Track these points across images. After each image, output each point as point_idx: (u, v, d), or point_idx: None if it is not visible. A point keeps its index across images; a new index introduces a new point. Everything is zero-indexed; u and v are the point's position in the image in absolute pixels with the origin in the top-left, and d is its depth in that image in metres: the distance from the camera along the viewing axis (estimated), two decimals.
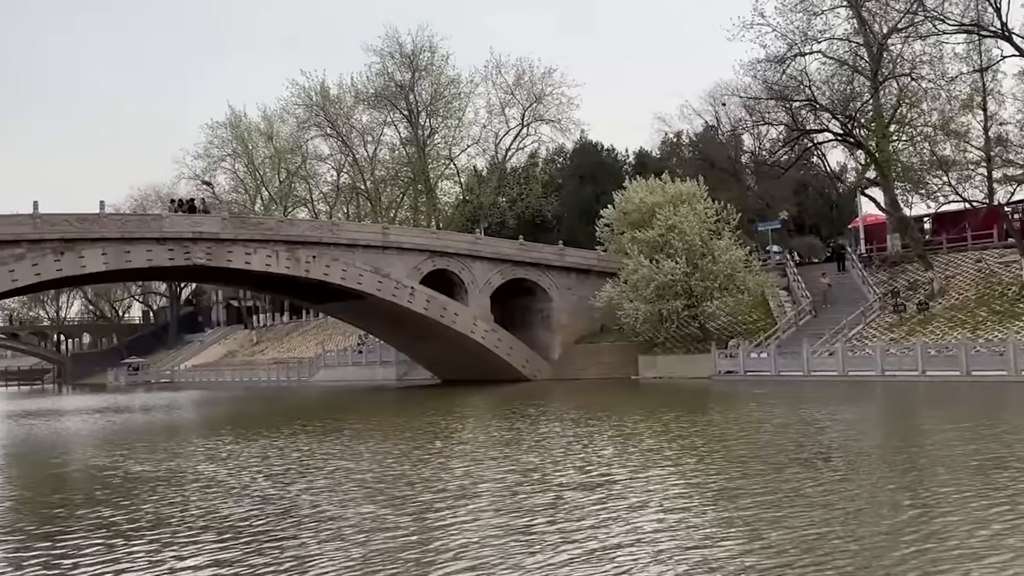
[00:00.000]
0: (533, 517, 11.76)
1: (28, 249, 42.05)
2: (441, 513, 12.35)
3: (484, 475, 15.73)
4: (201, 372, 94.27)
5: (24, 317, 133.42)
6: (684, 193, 48.48)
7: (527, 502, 12.85)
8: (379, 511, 12.71)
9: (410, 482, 15.37)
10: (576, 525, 11.15)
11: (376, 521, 11.99)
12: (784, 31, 49.32)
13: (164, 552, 10.72)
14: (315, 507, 13.27)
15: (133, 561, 10.36)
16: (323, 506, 13.33)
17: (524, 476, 15.29)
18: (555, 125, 76.84)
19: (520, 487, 14.19)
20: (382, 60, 75.62)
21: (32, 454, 25.97)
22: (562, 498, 13.05)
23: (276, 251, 47.71)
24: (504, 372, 51.51)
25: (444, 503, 13.10)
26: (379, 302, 50.34)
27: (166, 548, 10.92)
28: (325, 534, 11.34)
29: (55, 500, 15.71)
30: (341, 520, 12.19)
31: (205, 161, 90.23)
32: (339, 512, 12.79)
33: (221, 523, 12.36)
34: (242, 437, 25.43)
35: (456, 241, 54.69)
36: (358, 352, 70.56)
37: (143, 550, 10.87)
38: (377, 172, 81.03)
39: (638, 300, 46.15)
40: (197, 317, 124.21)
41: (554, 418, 27.14)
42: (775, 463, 15.62)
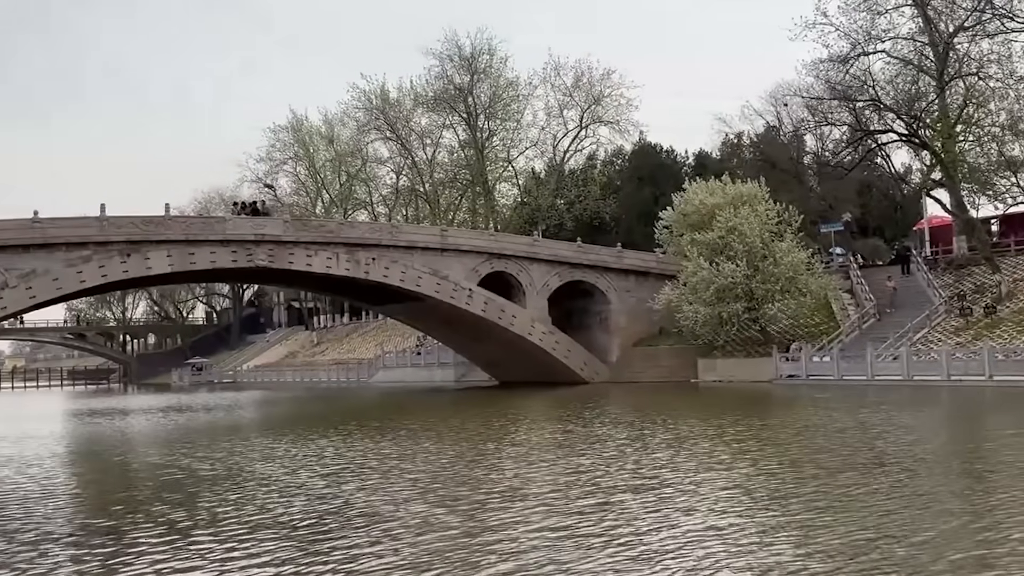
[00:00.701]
0: (581, 519, 11.72)
1: (95, 251, 42.94)
2: (490, 513, 12.38)
3: (535, 476, 15.71)
4: (263, 372, 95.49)
5: (91, 318, 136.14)
6: (745, 194, 47.94)
7: (576, 504, 12.83)
8: (430, 510, 12.77)
9: (462, 482, 15.42)
10: (623, 527, 11.11)
11: (426, 520, 12.05)
12: (847, 30, 48.65)
13: (216, 549, 10.87)
14: (367, 506, 13.37)
15: (186, 557, 10.52)
16: (375, 505, 13.42)
17: (575, 478, 15.25)
18: (614, 127, 76.70)
19: (570, 489, 14.16)
20: (441, 63, 76.10)
21: (96, 451, 26.48)
22: (611, 500, 12.99)
23: (336, 253, 48.14)
24: (562, 374, 51.37)
25: (494, 503, 13.13)
26: (437, 304, 50.53)
27: (219, 545, 11.07)
28: (376, 532, 11.41)
29: (115, 496, 15.99)
30: (392, 519, 12.26)
31: (267, 164, 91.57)
32: (391, 511, 12.87)
33: (274, 521, 12.50)
34: (300, 437, 25.70)
35: (514, 243, 54.70)
36: (416, 354, 70.92)
37: (196, 546, 11.04)
38: (436, 175, 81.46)
39: (698, 303, 45.71)
40: (259, 318, 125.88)
41: (609, 421, 27.00)
42: (829, 468, 15.42)
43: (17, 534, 12.47)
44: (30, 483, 18.01)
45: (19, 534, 12.46)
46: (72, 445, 28.69)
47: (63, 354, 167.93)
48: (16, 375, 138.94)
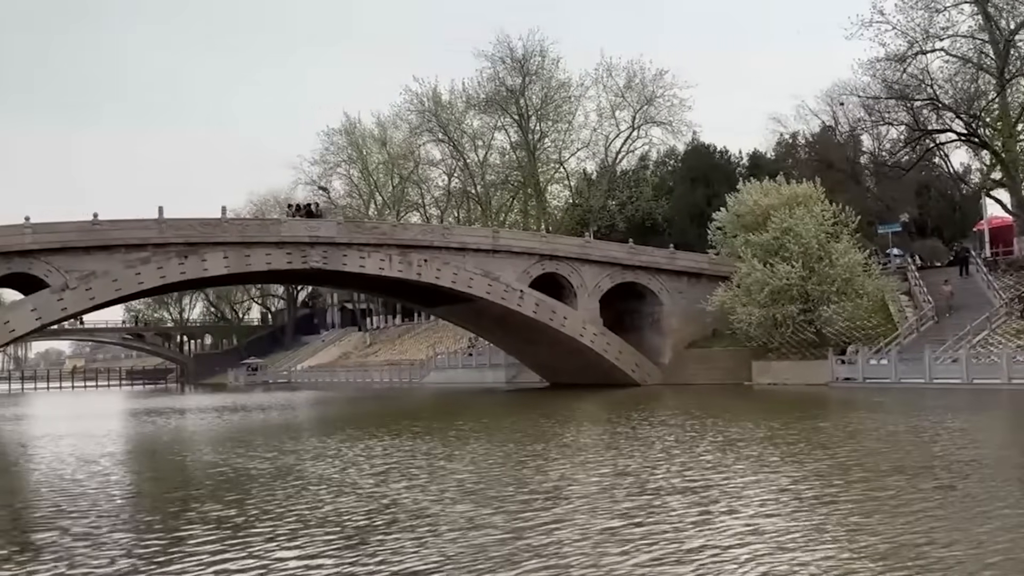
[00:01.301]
0: (624, 520, 11.73)
1: (153, 253, 43.71)
2: (535, 513, 12.41)
3: (581, 477, 15.71)
4: (317, 373, 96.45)
5: (149, 318, 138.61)
6: (800, 195, 47.47)
7: (620, 505, 12.84)
8: (475, 510, 12.85)
9: (508, 482, 15.47)
10: (665, 528, 11.11)
11: (471, 520, 12.12)
12: (904, 28, 48.00)
13: (266, 546, 11.02)
14: (414, 504, 13.47)
15: (236, 554, 10.67)
16: (422, 504, 13.51)
17: (620, 479, 15.24)
18: (666, 127, 76.37)
19: (615, 490, 14.15)
20: (493, 65, 76.29)
21: (153, 450, 26.91)
22: (656, 502, 12.98)
23: (389, 255, 48.45)
24: (613, 376, 51.18)
25: (539, 504, 13.16)
26: (489, 305, 50.64)
27: (268, 542, 11.23)
28: (421, 531, 11.51)
29: (170, 494, 16.26)
30: (437, 518, 12.36)
31: (321, 167, 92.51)
32: (436, 510, 12.97)
33: (321, 519, 12.65)
34: (351, 436, 25.94)
35: (566, 244, 54.64)
36: (468, 355, 71.15)
37: (246, 544, 11.19)
38: (487, 176, 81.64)
39: (752, 304, 45.30)
40: (313, 319, 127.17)
41: (658, 423, 26.85)
42: (878, 471, 15.25)
43: (76, 529, 12.76)
44: (89, 480, 18.36)
45: (77, 529, 12.75)
46: (129, 444, 29.20)
47: (122, 354, 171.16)
48: (76, 375, 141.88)
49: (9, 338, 45.19)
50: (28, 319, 41.85)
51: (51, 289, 41.33)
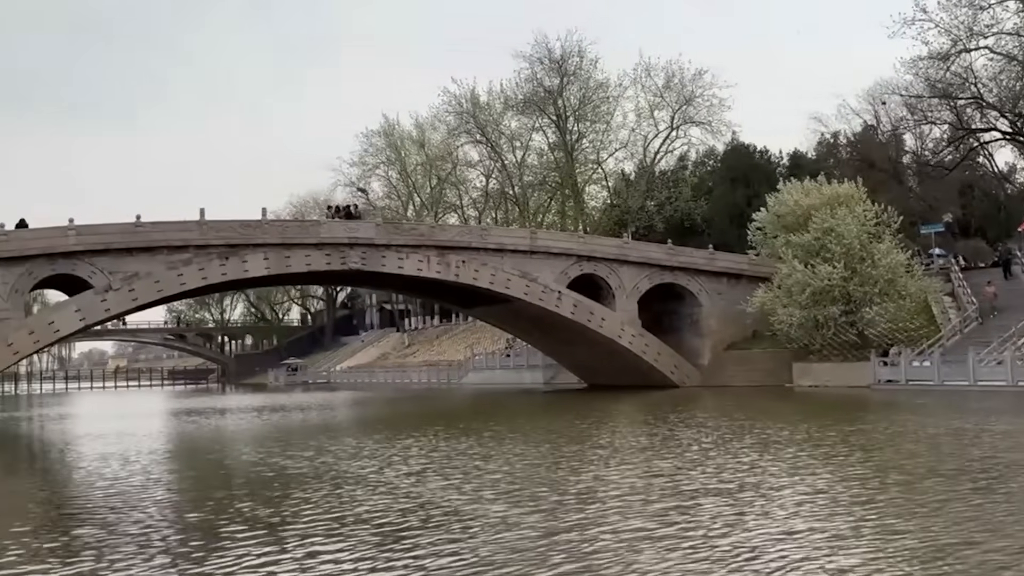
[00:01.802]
0: (657, 521, 11.72)
1: (195, 254, 44.12)
2: (568, 514, 12.42)
3: (615, 479, 15.69)
4: (355, 373, 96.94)
5: (191, 319, 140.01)
6: (842, 195, 46.96)
7: (653, 506, 12.83)
8: (509, 510, 12.89)
9: (543, 483, 15.49)
10: (698, 529, 11.10)
11: (504, 520, 12.17)
12: (948, 26, 47.40)
13: (301, 544, 11.13)
14: (448, 504, 13.54)
15: (272, 551, 10.78)
16: (456, 503, 13.58)
17: (655, 481, 15.22)
18: (706, 127, 75.92)
19: (649, 491, 14.14)
20: (531, 66, 76.23)
21: (193, 449, 27.22)
22: (689, 503, 12.96)
23: (427, 256, 48.56)
24: (652, 378, 50.93)
25: (573, 504, 13.18)
26: (526, 306, 50.60)
27: (304, 540, 11.33)
28: (455, 530, 11.57)
29: (208, 492, 16.45)
30: (471, 517, 12.41)
31: (360, 169, 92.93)
32: (470, 509, 13.02)
33: (356, 518, 12.76)
34: (389, 436, 26.12)
35: (603, 245, 54.45)
36: (506, 355, 71.15)
37: (282, 541, 11.32)
38: (525, 177, 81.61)
39: (792, 306, 44.90)
40: (352, 320, 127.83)
41: (695, 424, 26.69)
42: (915, 474, 15.14)
43: (116, 526, 12.99)
44: (130, 478, 18.60)
45: (118, 526, 12.98)
46: (171, 443, 29.53)
47: (164, 354, 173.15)
48: (119, 375, 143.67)
49: (54, 338, 45.84)
50: (72, 319, 42.42)
51: (95, 290, 41.85)
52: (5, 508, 16.05)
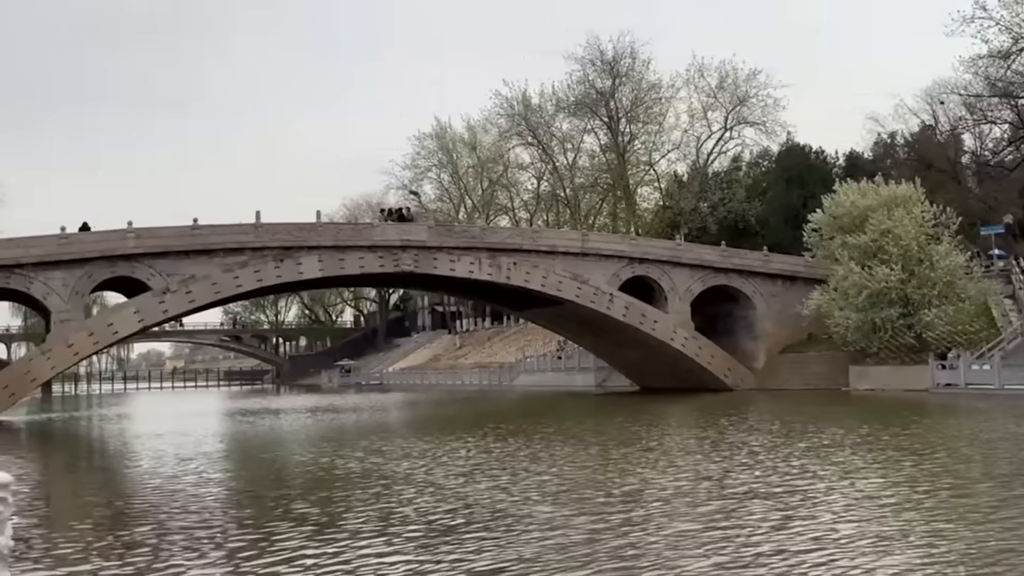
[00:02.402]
0: (703, 523, 11.70)
1: (251, 256, 44.64)
2: (614, 516, 12.43)
3: (662, 481, 15.65)
4: (408, 375, 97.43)
5: (246, 320, 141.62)
6: (899, 196, 46.23)
7: (699, 509, 12.81)
8: (556, 511, 12.94)
9: (590, 485, 15.51)
10: (742, 532, 11.05)
11: (550, 521, 12.21)
12: (1008, 24, 46.49)
13: (349, 542, 11.26)
14: (495, 505, 13.60)
15: (321, 549, 10.92)
16: (502, 504, 13.64)
17: (702, 483, 15.19)
18: (760, 128, 75.13)
19: (695, 494, 14.12)
20: (583, 68, 76.02)
21: (247, 449, 27.57)
22: (736, 506, 12.89)
23: (479, 258, 48.64)
24: (705, 381, 50.51)
25: (618, 506, 13.18)
26: (578, 308, 50.46)
27: (352, 539, 11.47)
28: (500, 531, 11.63)
29: (260, 491, 16.73)
30: (516, 518, 12.46)
31: (412, 171, 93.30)
32: (516, 510, 13.07)
33: (403, 517, 12.90)
34: (439, 437, 26.27)
35: (656, 247, 54.13)
36: (557, 358, 71.04)
37: (331, 540, 11.45)
38: (577, 179, 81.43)
39: (849, 308, 44.30)
40: (404, 322, 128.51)
41: (746, 428, 26.46)
42: (967, 478, 14.95)
43: (171, 524, 13.30)
44: (186, 476, 18.90)
45: (173, 524, 13.29)
46: (225, 443, 29.93)
47: (220, 355, 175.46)
48: (176, 375, 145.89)
49: (113, 339, 46.68)
50: (131, 321, 43.16)
51: (153, 292, 42.53)
52: (65, 506, 16.40)
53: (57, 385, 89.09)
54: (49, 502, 16.40)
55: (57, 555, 11.00)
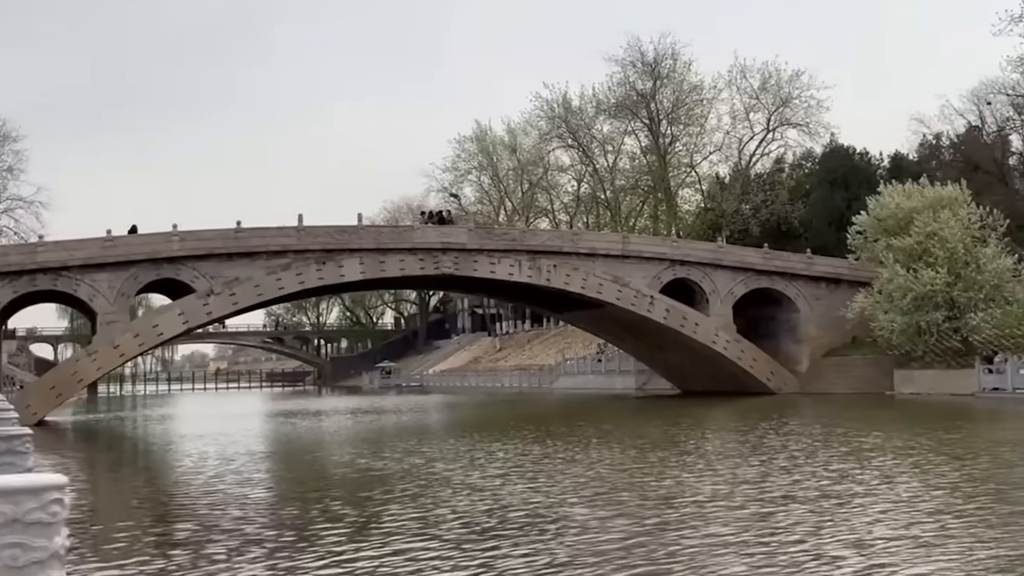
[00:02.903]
0: (737, 527, 11.68)
1: (293, 259, 44.96)
2: (648, 518, 12.45)
3: (698, 485, 15.61)
4: (448, 377, 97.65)
5: (288, 322, 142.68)
6: (945, 198, 45.63)
7: (735, 512, 12.78)
8: (592, 513, 12.99)
9: (626, 487, 15.49)
10: (776, 536, 11.03)
11: (585, 523, 12.27)
12: None
13: (386, 541, 11.39)
14: (530, 506, 13.65)
15: (353, 547, 11.07)
16: (537, 506, 13.69)
17: (738, 487, 15.13)
18: (803, 129, 74.42)
19: (732, 498, 14.06)
20: (623, 69, 75.76)
21: (289, 450, 27.84)
22: (772, 510, 12.84)
23: (519, 260, 48.63)
24: (747, 384, 50.09)
25: (652, 509, 13.18)
26: (618, 311, 50.28)
27: (388, 538, 11.61)
28: (533, 533, 11.69)
29: (301, 491, 16.94)
30: (550, 520, 12.51)
31: (452, 174, 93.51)
32: (551, 512, 13.12)
33: (439, 518, 13.00)
34: (478, 439, 26.43)
35: (697, 250, 53.80)
36: (597, 360, 70.84)
37: (368, 539, 11.61)
38: (617, 181, 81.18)
39: (894, 311, 43.77)
40: (444, 324, 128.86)
41: (786, 432, 26.26)
42: (1011, 484, 14.78)
43: (213, 522, 13.56)
44: (228, 476, 19.12)
45: (215, 522, 13.55)
46: (267, 444, 30.17)
47: (262, 357, 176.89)
48: (219, 376, 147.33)
49: (157, 341, 47.25)
50: (175, 323, 43.66)
51: (197, 294, 42.98)
52: (111, 504, 16.63)
53: (103, 386, 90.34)
54: (95, 501, 16.61)
55: (103, 552, 11.22)
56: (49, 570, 2.97)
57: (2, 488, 2.91)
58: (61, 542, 3.00)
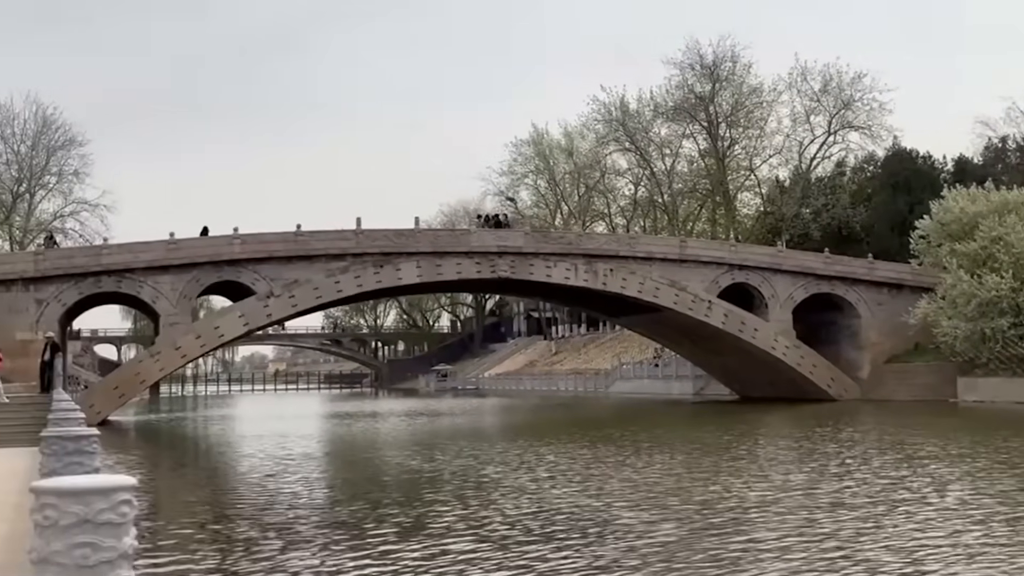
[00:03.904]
0: (781, 532, 11.68)
1: (351, 262, 45.35)
2: (692, 523, 12.50)
3: (747, 491, 15.53)
4: (503, 380, 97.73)
5: (346, 325, 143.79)
6: (1011, 202, 44.75)
7: (781, 518, 12.76)
8: (636, 517, 13.05)
9: (674, 492, 15.51)
10: (818, 541, 11.06)
11: (630, 526, 12.34)
12: None
13: (433, 541, 11.55)
14: (576, 509, 13.76)
15: (403, 547, 11.23)
16: (583, 509, 13.80)
17: (787, 494, 15.05)
18: (865, 132, 73.28)
19: (778, 504, 14.00)
20: (682, 72, 75.23)
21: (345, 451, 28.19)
22: (818, 516, 12.84)
23: (575, 264, 48.54)
24: (807, 390, 49.44)
25: (698, 514, 13.21)
26: (675, 315, 49.93)
27: (433, 539, 11.75)
28: (574, 535, 11.79)
29: (357, 492, 17.22)
30: (595, 523, 12.63)
31: (509, 178, 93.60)
32: (597, 516, 13.22)
33: (487, 519, 13.16)
34: (531, 442, 26.54)
35: (756, 254, 53.23)
36: (654, 365, 70.43)
37: (415, 539, 11.78)
38: (675, 185, 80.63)
39: (957, 317, 42.94)
40: (500, 327, 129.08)
41: (842, 438, 26.03)
42: None
43: (269, 520, 13.85)
44: (284, 475, 19.39)
45: (271, 520, 13.84)
46: (324, 444, 30.51)
47: (320, 359, 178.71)
48: (278, 378, 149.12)
49: (218, 342, 47.95)
50: (236, 324, 44.27)
51: (257, 296, 43.53)
52: (171, 503, 16.92)
53: (165, 386, 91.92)
54: (156, 499, 16.91)
55: (165, 547, 11.48)
56: (118, 569, 3.02)
57: (73, 489, 2.96)
58: (130, 542, 3.04)
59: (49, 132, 67.53)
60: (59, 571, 2.96)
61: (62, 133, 67.92)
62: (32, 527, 3.04)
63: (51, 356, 25.76)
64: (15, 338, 35.22)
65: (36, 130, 67.30)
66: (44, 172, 67.68)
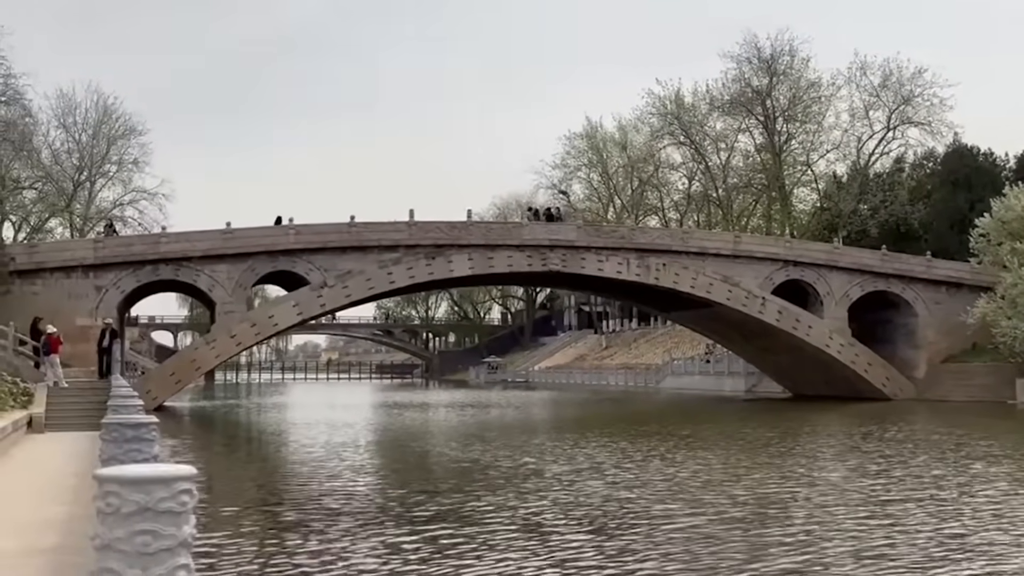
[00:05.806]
0: (811, 527, 11.79)
1: (404, 253, 45.61)
2: (728, 518, 12.59)
3: (786, 488, 15.53)
4: (553, 373, 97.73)
5: (397, 316, 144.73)
6: None
7: (814, 513, 12.86)
8: (676, 511, 13.19)
9: (712, 488, 15.57)
10: (848, 539, 11.10)
11: (669, 519, 12.49)
12: None
13: (481, 535, 11.66)
14: (616, 503, 13.92)
15: (458, 539, 11.44)
16: (623, 502, 13.94)
17: (820, 489, 15.15)
18: (924, 128, 71.95)
19: (811, 500, 14.06)
20: (738, 66, 74.46)
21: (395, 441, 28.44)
22: (852, 514, 12.86)
23: (627, 258, 48.32)
24: (861, 389, 48.78)
25: (737, 511, 13.26)
26: (727, 311, 49.52)
27: (482, 532, 11.87)
28: (610, 527, 11.96)
29: (408, 483, 17.39)
30: (634, 515, 12.78)
31: (562, 171, 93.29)
32: (636, 508, 13.38)
33: (527, 510, 13.36)
34: (579, 436, 26.62)
35: (811, 250, 52.58)
36: (705, 361, 69.95)
37: (468, 529, 11.98)
38: (729, 180, 79.87)
39: (1017, 317, 42.15)
40: (550, 320, 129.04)
41: (889, 438, 25.79)
42: None
43: (318, 508, 14.15)
44: (332, 462, 19.73)
45: (320, 508, 14.14)
46: (375, 434, 30.77)
47: (372, 349, 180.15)
48: (330, 367, 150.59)
49: (272, 331, 48.51)
50: (290, 314, 44.75)
51: (311, 286, 43.96)
52: (222, 489, 17.19)
53: (219, 373, 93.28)
54: (209, 484, 17.19)
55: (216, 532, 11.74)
56: (177, 557, 3.06)
57: (135, 478, 3.01)
58: (189, 530, 3.08)
59: (109, 121, 68.65)
60: (120, 557, 3.02)
61: (122, 122, 69.05)
62: (95, 513, 3.09)
63: (109, 342, 26.27)
64: (75, 324, 35.93)
65: (97, 119, 68.46)
66: (104, 161, 68.78)
